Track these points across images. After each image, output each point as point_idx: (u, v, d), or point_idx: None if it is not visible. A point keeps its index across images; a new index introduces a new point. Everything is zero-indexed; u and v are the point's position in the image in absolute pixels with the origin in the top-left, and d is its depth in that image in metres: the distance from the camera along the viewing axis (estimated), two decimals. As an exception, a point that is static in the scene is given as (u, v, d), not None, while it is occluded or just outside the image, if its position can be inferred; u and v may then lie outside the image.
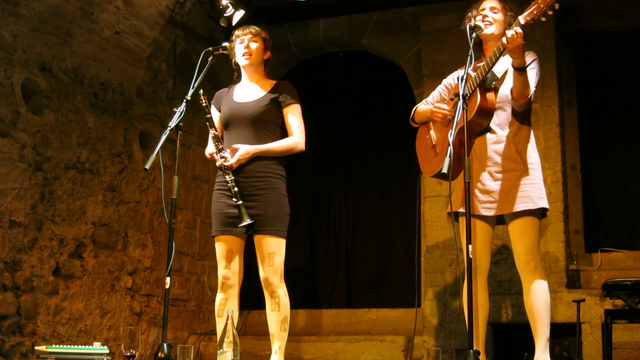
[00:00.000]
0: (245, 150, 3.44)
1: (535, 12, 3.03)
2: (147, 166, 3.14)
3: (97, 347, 3.48)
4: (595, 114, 5.32)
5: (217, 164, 3.48)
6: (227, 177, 3.43)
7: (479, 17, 3.37)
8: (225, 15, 5.28)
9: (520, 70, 3.12)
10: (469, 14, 3.49)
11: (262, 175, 3.46)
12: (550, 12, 3.02)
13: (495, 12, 3.39)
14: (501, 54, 3.17)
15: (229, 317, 2.82)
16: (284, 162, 3.58)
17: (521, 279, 3.30)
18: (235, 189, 3.40)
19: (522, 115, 3.35)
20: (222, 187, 3.51)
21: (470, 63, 3.13)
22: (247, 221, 3.35)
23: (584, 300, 4.18)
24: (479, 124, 3.29)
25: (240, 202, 3.38)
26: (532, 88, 3.25)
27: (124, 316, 4.78)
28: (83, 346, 3.54)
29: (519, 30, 3.04)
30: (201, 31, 5.69)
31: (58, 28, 4.28)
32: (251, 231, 3.45)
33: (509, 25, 3.34)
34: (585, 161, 5.23)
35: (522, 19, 3.07)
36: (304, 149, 3.59)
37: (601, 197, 5.26)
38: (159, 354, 3.05)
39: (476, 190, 3.31)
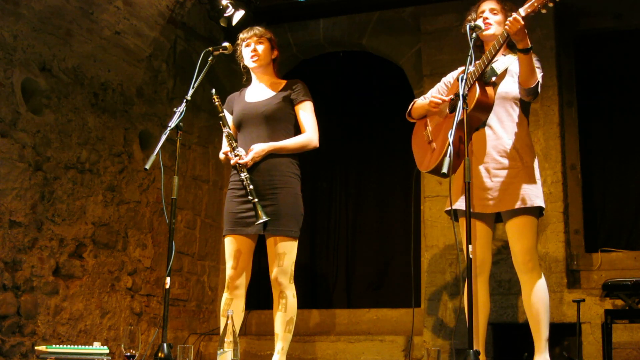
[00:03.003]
0: (260, 148, 3.45)
1: (535, 3, 3.02)
2: (147, 166, 3.14)
3: (97, 347, 3.48)
4: (595, 114, 5.32)
5: (232, 162, 3.48)
6: (242, 174, 3.43)
7: (479, 20, 3.37)
8: (225, 15, 5.28)
9: (525, 51, 3.12)
10: (469, 17, 3.49)
11: (277, 174, 3.46)
12: (551, 4, 3.00)
13: (494, 14, 3.39)
14: (501, 45, 3.17)
15: (229, 317, 2.82)
16: (299, 162, 3.58)
17: (519, 279, 3.29)
18: (251, 186, 3.40)
19: (522, 112, 3.35)
20: (235, 187, 3.52)
21: (471, 63, 3.13)
22: (263, 219, 3.35)
23: (584, 300, 4.17)
24: (477, 119, 3.28)
25: (256, 199, 3.37)
26: (539, 74, 3.24)
27: (124, 316, 4.78)
28: (83, 346, 3.54)
29: (516, 16, 3.04)
30: (201, 31, 5.69)
31: (58, 28, 4.29)
32: (264, 231, 3.44)
33: None
34: (585, 161, 5.23)
35: (522, 10, 3.06)
36: (318, 145, 3.60)
37: (601, 197, 5.26)
38: (159, 354, 3.05)
39: (473, 189, 3.30)
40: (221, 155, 3.61)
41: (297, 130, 3.59)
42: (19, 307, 4.02)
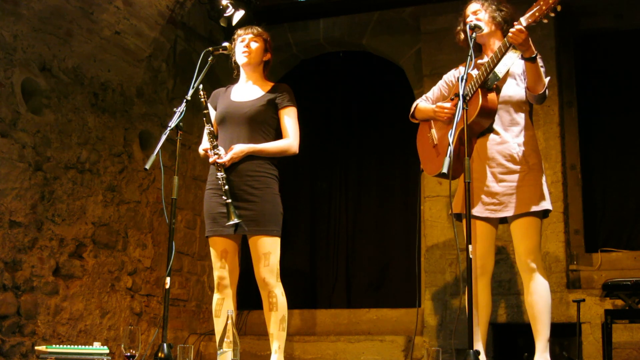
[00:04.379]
0: (239, 148, 3.44)
1: (537, 13, 3.02)
2: (147, 166, 3.14)
3: (97, 347, 3.48)
4: (595, 114, 5.32)
5: (210, 160, 3.47)
6: (218, 174, 3.43)
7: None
8: (225, 15, 5.28)
9: (531, 60, 3.12)
10: (458, 27, 3.50)
11: (255, 175, 3.45)
12: (552, 14, 3.00)
13: (478, 14, 3.39)
14: (503, 54, 3.16)
15: (229, 317, 2.82)
16: (277, 162, 3.58)
17: (522, 278, 3.30)
18: (226, 187, 3.39)
19: (526, 115, 3.35)
20: (214, 186, 3.51)
21: (470, 63, 3.12)
22: (234, 220, 3.34)
23: (584, 300, 4.18)
24: (480, 125, 3.29)
25: (230, 200, 3.37)
26: (545, 78, 3.25)
27: (124, 316, 4.78)
28: (83, 346, 3.54)
29: (519, 27, 3.04)
30: (201, 31, 5.69)
31: (58, 28, 4.28)
32: (245, 232, 3.44)
33: (497, 18, 3.34)
34: (585, 161, 5.23)
35: (524, 20, 3.05)
36: (297, 152, 3.59)
37: (601, 197, 5.26)
38: (159, 354, 3.05)
39: (480, 193, 3.31)
40: (201, 151, 3.62)
41: (278, 134, 3.58)
42: (19, 307, 4.02)
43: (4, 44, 3.99)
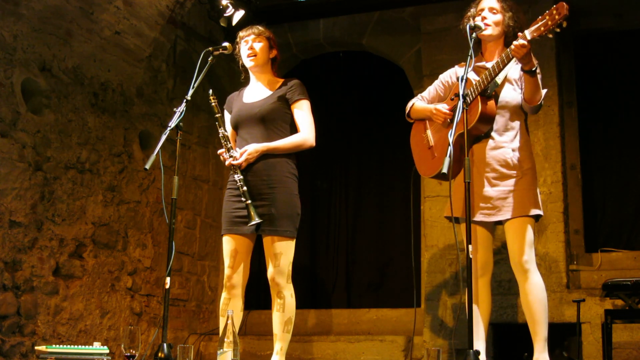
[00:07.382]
0: (253, 148, 3.44)
1: (542, 28, 2.98)
2: (147, 166, 3.14)
3: (97, 347, 3.48)
4: (595, 114, 5.32)
5: (226, 163, 3.47)
6: (235, 176, 3.43)
7: (478, 18, 3.36)
8: (225, 15, 5.28)
9: (531, 73, 3.12)
10: (468, 13, 3.48)
11: (273, 174, 3.45)
12: (558, 30, 2.98)
13: (494, 13, 3.37)
14: (505, 65, 3.15)
15: (229, 317, 2.82)
16: (296, 162, 3.57)
17: (517, 279, 3.29)
18: (244, 188, 3.39)
19: (522, 121, 3.35)
20: (232, 187, 3.52)
21: (470, 63, 3.12)
22: (255, 220, 3.34)
23: (584, 300, 4.18)
24: (479, 130, 3.29)
25: (249, 201, 3.36)
26: (543, 90, 3.25)
27: (124, 316, 4.78)
28: (83, 346, 3.54)
29: (524, 42, 3.02)
30: (201, 31, 5.69)
31: (58, 28, 4.29)
32: (260, 231, 3.44)
33: (507, 27, 3.33)
34: (585, 161, 5.23)
35: (528, 34, 3.02)
36: (314, 144, 3.57)
37: (601, 197, 5.26)
38: (159, 354, 3.05)
39: (475, 197, 3.31)
40: (220, 155, 3.63)
41: (293, 129, 3.57)
42: (19, 307, 4.02)
43: (4, 44, 3.99)
